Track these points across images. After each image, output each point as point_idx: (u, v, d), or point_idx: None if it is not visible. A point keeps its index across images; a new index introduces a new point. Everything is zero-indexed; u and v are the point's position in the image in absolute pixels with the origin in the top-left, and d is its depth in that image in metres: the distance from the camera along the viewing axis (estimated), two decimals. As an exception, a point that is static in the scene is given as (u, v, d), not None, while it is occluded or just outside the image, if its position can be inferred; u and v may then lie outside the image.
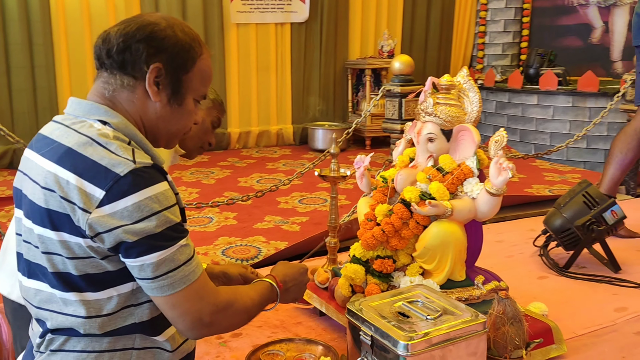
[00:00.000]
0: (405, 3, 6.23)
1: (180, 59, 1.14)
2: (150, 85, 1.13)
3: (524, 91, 5.66)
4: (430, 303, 1.34)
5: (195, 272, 1.09)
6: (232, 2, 5.42)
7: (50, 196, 1.05)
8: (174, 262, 1.05)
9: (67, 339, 1.10)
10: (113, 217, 1.01)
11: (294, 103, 5.93)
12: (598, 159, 5.23)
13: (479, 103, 1.83)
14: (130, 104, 1.14)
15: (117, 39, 1.11)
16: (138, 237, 1.02)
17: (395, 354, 1.19)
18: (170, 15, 1.20)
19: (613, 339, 1.90)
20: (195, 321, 1.09)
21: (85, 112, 1.13)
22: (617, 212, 2.43)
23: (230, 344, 1.89)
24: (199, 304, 1.09)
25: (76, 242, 1.04)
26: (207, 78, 1.21)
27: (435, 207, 1.67)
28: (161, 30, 1.13)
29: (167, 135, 1.20)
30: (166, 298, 1.06)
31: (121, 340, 1.10)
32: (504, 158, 1.66)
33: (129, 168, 1.02)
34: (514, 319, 1.42)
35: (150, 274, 1.04)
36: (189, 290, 1.07)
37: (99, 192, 1.01)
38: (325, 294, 2.02)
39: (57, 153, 1.07)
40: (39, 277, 1.12)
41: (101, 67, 1.15)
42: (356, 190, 3.67)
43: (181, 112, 1.18)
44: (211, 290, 1.13)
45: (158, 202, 1.03)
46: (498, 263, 2.38)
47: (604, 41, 6.02)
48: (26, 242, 1.13)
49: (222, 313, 1.13)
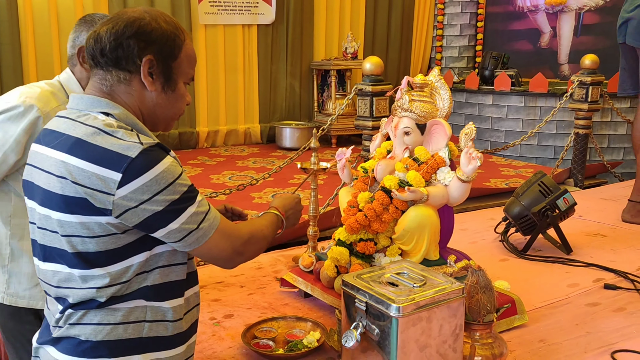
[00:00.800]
0: (367, 7, 6.46)
1: (168, 48, 1.24)
2: (145, 76, 1.22)
3: (480, 92, 5.97)
4: (414, 274, 1.53)
5: (217, 217, 1.26)
6: (200, 3, 5.52)
7: (65, 183, 1.14)
8: (198, 216, 1.21)
9: (85, 312, 1.20)
10: (135, 194, 1.13)
11: (261, 103, 6.06)
12: (548, 155, 5.59)
13: (449, 100, 2.04)
14: (128, 96, 1.24)
15: (109, 38, 1.20)
16: (163, 206, 1.15)
17: (389, 315, 1.37)
18: (149, 7, 1.30)
19: (567, 310, 2.14)
20: (230, 255, 1.28)
21: (88, 105, 1.22)
22: (568, 199, 2.69)
23: (224, 324, 2.03)
24: (229, 241, 1.27)
25: (96, 221, 1.14)
26: (192, 61, 1.31)
27: (414, 193, 1.87)
28: (147, 24, 1.21)
29: (165, 119, 1.31)
30: (203, 246, 1.23)
31: (134, 313, 1.21)
32: (473, 148, 1.87)
33: (139, 149, 1.13)
34: (485, 287, 1.62)
35: (186, 232, 1.19)
36: (218, 233, 1.24)
37: (117, 175, 1.11)
38: (310, 277, 2.18)
39: (67, 144, 1.16)
40: (56, 260, 1.21)
41: (96, 66, 1.23)
42: (326, 185, 3.85)
43: (175, 97, 1.29)
44: (234, 228, 1.31)
45: (171, 173, 1.16)
46: (463, 249, 2.58)
47: (552, 45, 6.39)
48: (41, 229, 1.22)
49: (248, 243, 1.31)
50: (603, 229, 3.08)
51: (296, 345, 1.80)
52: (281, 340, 1.87)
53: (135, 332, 1.22)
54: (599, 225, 3.16)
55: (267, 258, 2.71)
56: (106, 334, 1.20)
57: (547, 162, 5.50)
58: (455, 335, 1.47)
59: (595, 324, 2.01)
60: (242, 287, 2.37)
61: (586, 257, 2.66)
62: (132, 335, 1.22)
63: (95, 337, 1.20)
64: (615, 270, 2.49)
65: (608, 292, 2.29)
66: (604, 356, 1.80)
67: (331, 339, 1.82)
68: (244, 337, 1.85)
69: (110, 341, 1.21)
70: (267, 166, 4.96)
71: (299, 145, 5.36)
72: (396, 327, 1.36)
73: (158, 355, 1.25)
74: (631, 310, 2.12)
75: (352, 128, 5.68)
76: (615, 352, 1.81)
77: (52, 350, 1.24)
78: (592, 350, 1.84)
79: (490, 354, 1.60)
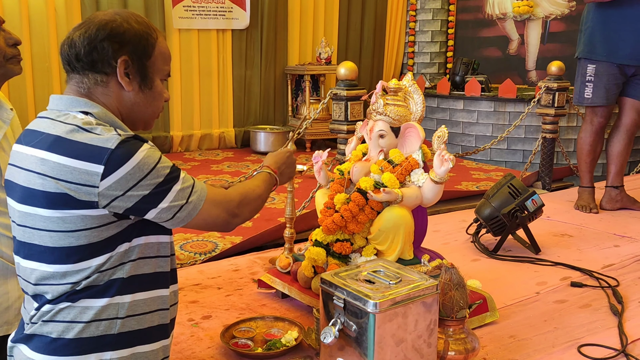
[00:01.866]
0: (341, 13, 6.53)
1: (141, 48, 1.27)
2: (122, 77, 1.25)
3: (451, 97, 6.09)
4: (390, 272, 1.57)
5: (204, 188, 1.29)
6: (174, 8, 5.51)
7: (45, 180, 1.17)
8: (184, 191, 1.24)
9: (59, 310, 1.21)
10: (119, 184, 1.15)
11: (236, 107, 6.07)
12: (517, 159, 5.72)
13: (422, 104, 2.10)
14: (106, 97, 1.26)
15: (82, 42, 1.22)
16: (149, 189, 1.18)
17: (366, 311, 1.41)
18: (120, 9, 1.34)
19: (536, 307, 2.22)
20: (226, 218, 1.32)
21: (67, 105, 1.24)
22: (536, 200, 2.78)
23: (202, 325, 2.05)
24: (221, 206, 1.30)
25: (78, 215, 1.17)
26: (167, 58, 1.34)
27: (389, 194, 1.92)
28: (119, 26, 1.24)
29: (144, 118, 1.33)
30: (197, 217, 1.27)
31: (107, 310, 1.22)
32: (445, 151, 1.93)
33: (117, 140, 1.16)
34: (458, 284, 1.67)
35: (176, 209, 1.22)
36: (209, 202, 1.28)
37: (99, 167, 1.14)
38: (287, 278, 2.21)
39: (46, 142, 1.18)
40: (35, 257, 1.23)
41: (72, 71, 1.26)
42: (301, 188, 3.88)
43: (153, 95, 1.31)
44: (223, 194, 1.34)
45: (151, 158, 1.19)
46: (436, 249, 2.64)
47: (520, 52, 6.56)
48: (21, 226, 1.24)
49: (241, 204, 1.36)
50: (569, 230, 3.19)
51: (275, 344, 1.83)
52: (260, 340, 1.89)
53: (107, 328, 1.23)
54: (565, 225, 3.27)
55: (244, 260, 2.73)
56: (78, 332, 1.21)
57: (516, 165, 5.64)
58: (430, 330, 1.52)
59: (563, 320, 2.09)
60: (220, 288, 2.38)
61: (554, 256, 2.75)
62: (103, 332, 1.23)
63: (67, 334, 1.21)
64: (581, 268, 2.58)
65: (574, 289, 2.38)
66: (571, 350, 1.87)
67: (309, 337, 1.86)
68: (223, 337, 1.87)
69: (81, 339, 1.22)
70: (242, 170, 4.97)
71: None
72: (373, 322, 1.40)
73: (132, 350, 1.26)
74: (596, 307, 2.21)
75: (326, 132, 5.73)
76: (582, 346, 1.88)
77: (24, 348, 1.25)
78: (560, 344, 1.91)
79: (463, 349, 1.66)
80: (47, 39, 4.98)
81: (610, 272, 2.55)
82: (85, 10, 5.11)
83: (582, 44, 3.48)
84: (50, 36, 4.98)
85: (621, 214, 3.51)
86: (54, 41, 4.99)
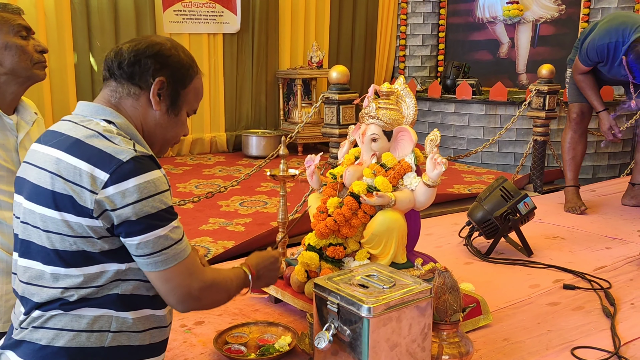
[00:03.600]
0: (332, 17, 6.54)
1: (180, 75, 1.32)
2: (153, 95, 1.30)
3: (442, 100, 6.11)
4: (383, 276, 1.57)
5: (186, 251, 1.25)
6: (164, 12, 5.49)
7: (56, 180, 1.19)
8: (167, 240, 1.21)
9: (51, 316, 1.21)
10: (116, 197, 1.16)
11: (227, 111, 6.05)
12: (508, 162, 5.75)
13: (414, 107, 2.10)
14: (133, 110, 1.31)
15: (129, 53, 1.28)
16: (138, 216, 1.17)
17: (360, 316, 1.40)
18: (172, 39, 1.40)
19: (529, 310, 2.22)
20: (185, 294, 1.25)
21: (93, 112, 1.28)
22: (528, 203, 2.79)
23: (195, 330, 2.04)
24: (189, 279, 1.25)
25: (77, 221, 1.17)
26: (199, 95, 1.39)
27: (382, 198, 1.92)
28: (167, 50, 1.31)
29: (162, 141, 1.37)
30: (160, 273, 1.22)
31: (99, 322, 1.22)
32: (438, 154, 1.93)
33: (131, 155, 1.18)
34: (452, 288, 1.67)
35: (148, 251, 1.19)
36: (181, 267, 1.23)
37: (104, 175, 1.15)
38: (280, 282, 2.20)
39: (65, 143, 1.22)
40: (32, 256, 1.23)
41: (110, 77, 1.31)
42: (293, 192, 3.88)
43: (176, 122, 1.35)
44: (199, 268, 1.29)
45: (155, 186, 1.19)
46: (429, 253, 2.63)
47: (510, 55, 6.59)
48: (23, 223, 1.25)
49: (208, 289, 1.29)
50: (561, 232, 3.20)
51: (268, 349, 1.82)
52: (253, 345, 1.88)
53: (98, 340, 1.22)
54: (557, 228, 3.28)
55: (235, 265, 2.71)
56: (68, 340, 1.20)
57: (508, 168, 5.66)
58: (424, 334, 1.51)
59: (556, 323, 2.10)
60: (212, 294, 2.36)
61: (546, 259, 2.76)
62: (94, 344, 1.22)
63: (56, 342, 1.20)
64: (574, 271, 2.59)
65: (567, 292, 2.38)
66: (565, 352, 1.87)
67: (302, 342, 1.85)
68: (216, 343, 1.86)
69: (71, 348, 1.20)
70: (234, 174, 4.96)
71: (265, 153, 5.37)
72: (367, 327, 1.40)
73: None
74: (589, 309, 2.21)
75: (317, 136, 5.73)
76: (575, 349, 1.89)
77: (11, 354, 1.24)
78: (553, 347, 1.92)
79: (457, 353, 1.66)
80: (36, 43, 4.94)
81: (603, 274, 2.56)
82: (75, 14, 5.08)
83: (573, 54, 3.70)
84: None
85: (612, 216, 3.52)
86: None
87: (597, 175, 5.58)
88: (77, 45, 5.16)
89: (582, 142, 3.69)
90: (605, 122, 3.52)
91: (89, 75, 5.23)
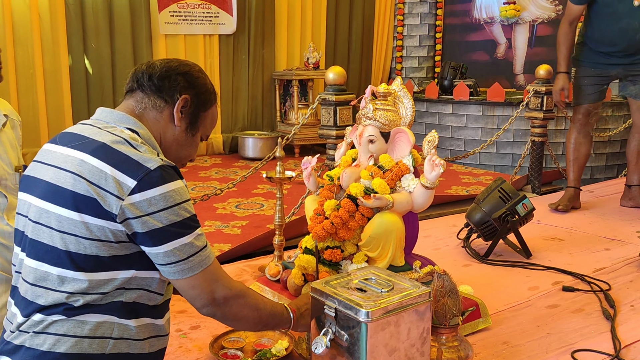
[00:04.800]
0: (328, 18, 6.52)
1: (203, 98, 1.39)
2: (177, 110, 1.35)
3: (439, 101, 6.09)
4: (381, 280, 1.54)
5: (210, 258, 1.28)
6: (160, 13, 5.46)
7: (78, 181, 1.19)
8: (193, 247, 1.23)
9: (53, 321, 1.20)
10: (142, 204, 1.17)
11: (223, 113, 6.02)
12: (506, 162, 5.73)
13: (412, 108, 2.08)
14: (155, 122, 1.35)
15: (161, 68, 1.35)
16: (163, 224, 1.19)
17: (358, 321, 1.38)
18: (199, 65, 1.45)
19: (529, 312, 2.20)
20: (210, 299, 1.27)
21: (116, 120, 1.31)
22: (527, 204, 2.77)
23: (191, 335, 2.01)
24: (214, 285, 1.27)
25: (97, 224, 1.18)
26: (214, 122, 1.47)
27: (379, 200, 1.89)
28: (196, 72, 1.39)
29: (176, 157, 1.39)
30: (187, 280, 1.24)
31: (102, 328, 1.22)
32: (436, 155, 1.91)
33: (158, 164, 1.21)
34: (451, 291, 1.65)
35: (174, 259, 1.21)
36: (206, 273, 1.26)
37: (131, 182, 1.17)
38: (277, 286, 2.17)
39: (90, 146, 1.23)
40: (39, 256, 1.23)
41: (138, 88, 1.36)
42: (290, 194, 3.85)
43: (191, 142, 1.41)
44: (224, 275, 1.32)
45: (179, 195, 1.21)
46: (427, 255, 2.61)
47: (507, 56, 6.58)
48: (34, 222, 1.24)
49: (234, 299, 1.31)
50: (560, 233, 3.18)
51: (265, 354, 1.79)
52: (249, 350, 1.86)
53: (100, 347, 1.21)
54: (556, 229, 3.26)
55: (232, 268, 2.69)
56: (70, 346, 1.19)
57: (506, 169, 5.65)
58: (423, 338, 1.49)
59: (556, 325, 2.08)
60: (208, 298, 2.34)
61: (545, 260, 2.74)
62: (95, 351, 1.21)
63: (58, 348, 1.19)
64: (573, 272, 2.57)
65: (567, 294, 2.36)
66: (565, 356, 1.85)
67: (300, 347, 1.82)
68: (212, 348, 1.83)
69: (73, 354, 1.19)
70: (230, 176, 4.93)
71: (261, 155, 5.34)
72: (365, 332, 1.37)
73: None
74: (589, 311, 2.19)
75: (314, 137, 5.69)
76: (575, 352, 1.87)
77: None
78: (553, 350, 1.90)
79: (456, 357, 1.63)
80: (31, 46, 4.90)
81: (602, 275, 2.54)
82: (69, 15, 5.04)
83: None
84: (34, 42, 4.90)
85: (611, 217, 3.51)
86: (38, 48, 4.92)
87: (595, 176, 5.56)
88: (72, 47, 5.11)
89: (586, 144, 3.68)
90: (560, 83, 3.56)
91: (83, 77, 5.18)
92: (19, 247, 1.31)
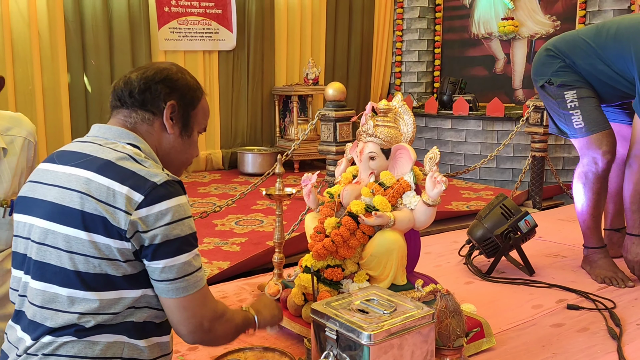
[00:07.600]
0: (328, 34, 6.54)
1: (190, 98, 1.36)
2: (167, 119, 1.33)
3: (439, 116, 6.09)
4: (383, 300, 1.51)
5: (203, 280, 1.26)
6: (159, 29, 5.48)
7: (87, 200, 1.18)
8: (190, 266, 1.22)
9: (63, 343, 1.18)
10: (150, 219, 1.17)
11: (223, 128, 6.02)
12: (506, 178, 5.71)
13: (413, 124, 2.06)
14: (148, 136, 1.33)
15: (139, 81, 1.31)
16: (168, 238, 1.18)
17: (360, 344, 1.35)
18: (175, 63, 1.41)
19: (533, 332, 2.16)
20: (197, 325, 1.25)
21: (116, 136, 1.29)
22: (529, 221, 2.74)
23: (188, 356, 1.97)
24: (204, 309, 1.25)
25: (105, 243, 1.17)
26: (207, 113, 1.43)
27: (381, 218, 1.86)
28: (174, 74, 1.34)
29: (177, 163, 1.38)
30: (179, 300, 1.22)
31: (112, 348, 1.20)
32: (438, 172, 1.88)
33: (164, 179, 1.20)
34: (454, 312, 1.61)
35: (171, 276, 1.20)
36: (199, 295, 1.24)
37: (138, 197, 1.17)
38: (277, 305, 2.14)
39: (95, 164, 1.22)
40: (47, 278, 1.21)
41: (122, 106, 1.33)
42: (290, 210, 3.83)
43: (189, 143, 1.38)
44: (212, 298, 1.30)
45: (184, 210, 1.21)
46: (428, 272, 2.59)
47: (506, 71, 6.60)
48: (39, 244, 1.22)
49: (218, 320, 1.29)
50: (563, 250, 3.15)
51: (264, 376, 1.75)
52: (248, 372, 1.81)
53: None
54: (558, 246, 3.23)
55: (231, 286, 2.65)
56: None
57: (506, 184, 5.62)
58: (427, 361, 1.45)
59: (561, 345, 2.03)
60: (207, 317, 2.30)
61: (548, 277, 2.70)
62: None
63: None
64: (577, 290, 2.53)
65: (571, 312, 2.32)
66: (571, 377, 1.81)
67: (300, 369, 1.78)
68: (210, 371, 1.78)
69: None
70: (230, 192, 4.90)
71: (261, 170, 5.32)
72: (368, 355, 1.34)
73: None
74: (594, 330, 2.15)
75: (314, 153, 5.68)
76: (582, 373, 1.82)
77: None
78: (559, 371, 1.85)
79: (461, 379, 1.59)
80: (30, 62, 4.90)
81: (606, 293, 2.50)
82: (69, 33, 5.05)
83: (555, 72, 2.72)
84: (33, 59, 4.90)
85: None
86: (37, 64, 4.92)
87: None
88: (71, 65, 5.11)
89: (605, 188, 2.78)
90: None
91: (82, 94, 5.18)
92: (20, 271, 1.28)
